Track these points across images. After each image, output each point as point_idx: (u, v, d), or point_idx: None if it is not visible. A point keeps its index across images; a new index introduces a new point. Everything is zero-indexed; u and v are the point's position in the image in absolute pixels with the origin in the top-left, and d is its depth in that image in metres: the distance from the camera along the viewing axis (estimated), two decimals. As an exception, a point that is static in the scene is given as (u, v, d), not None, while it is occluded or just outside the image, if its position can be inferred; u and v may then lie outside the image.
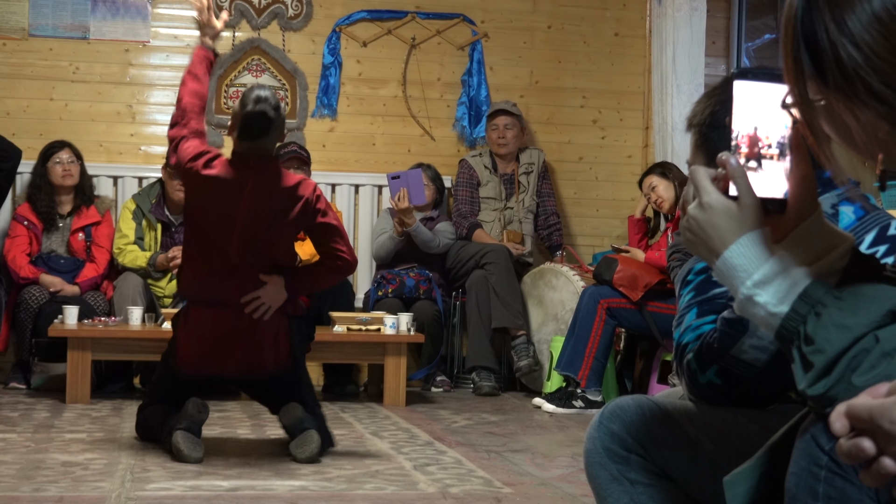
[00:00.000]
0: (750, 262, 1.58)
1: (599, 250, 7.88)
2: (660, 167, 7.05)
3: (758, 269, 1.57)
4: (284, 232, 4.92)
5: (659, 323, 6.45)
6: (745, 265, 1.58)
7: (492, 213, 7.75)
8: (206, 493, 3.91)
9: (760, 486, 1.65)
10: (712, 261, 1.64)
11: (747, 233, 1.60)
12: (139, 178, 7.69)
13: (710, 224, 1.63)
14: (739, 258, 1.59)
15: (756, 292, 1.57)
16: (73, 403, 6.17)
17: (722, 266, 1.62)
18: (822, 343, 1.48)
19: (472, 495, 3.99)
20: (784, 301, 1.54)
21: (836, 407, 1.34)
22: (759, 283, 1.57)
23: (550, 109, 8.26)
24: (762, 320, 1.58)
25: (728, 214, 1.61)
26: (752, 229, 1.60)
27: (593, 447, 2.08)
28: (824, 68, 1.42)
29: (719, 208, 1.62)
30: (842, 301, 1.50)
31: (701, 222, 1.64)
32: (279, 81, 7.92)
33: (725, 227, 1.61)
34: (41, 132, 7.51)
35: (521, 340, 7.16)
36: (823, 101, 1.45)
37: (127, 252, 7.08)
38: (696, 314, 2.02)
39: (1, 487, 3.91)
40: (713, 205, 1.63)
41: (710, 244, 1.63)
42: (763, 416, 1.96)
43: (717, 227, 1.62)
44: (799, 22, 1.44)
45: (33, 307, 6.82)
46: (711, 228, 1.63)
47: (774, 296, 1.55)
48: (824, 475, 1.47)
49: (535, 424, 5.97)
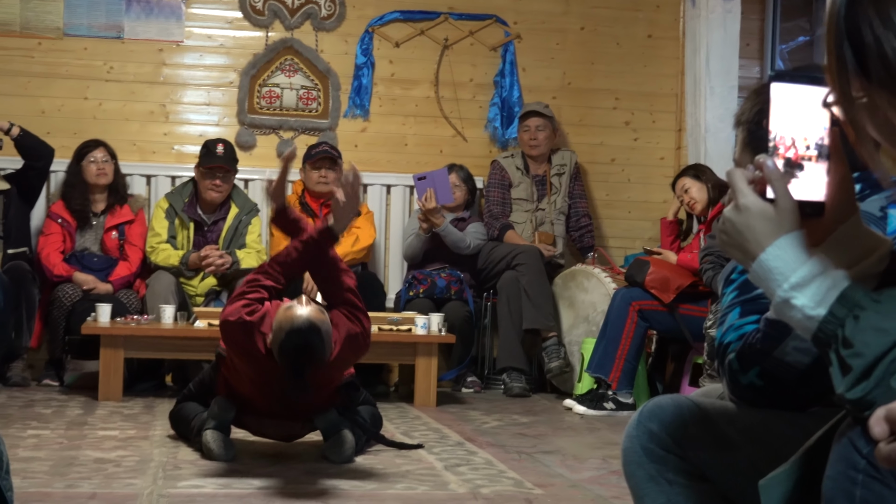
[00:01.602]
0: (786, 265, 1.57)
1: (631, 252, 7.85)
2: (693, 169, 7.02)
3: (795, 272, 1.56)
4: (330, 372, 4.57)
5: (690, 325, 6.42)
6: (782, 268, 1.57)
7: (523, 214, 7.74)
8: (237, 492, 3.92)
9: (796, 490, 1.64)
10: (748, 263, 1.63)
11: (784, 235, 1.59)
12: (172, 178, 7.71)
13: (746, 226, 1.62)
14: (776, 261, 1.58)
15: (793, 295, 1.56)
16: (105, 401, 6.20)
17: (758, 269, 1.60)
18: (860, 346, 1.47)
19: (502, 496, 3.99)
20: (822, 304, 1.53)
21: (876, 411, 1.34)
22: (796, 286, 1.56)
23: (582, 111, 8.24)
24: (799, 323, 1.56)
25: (764, 217, 1.60)
26: (789, 232, 1.59)
27: (631, 446, 2.07)
28: (868, 64, 1.41)
29: (756, 210, 1.61)
30: (880, 304, 1.49)
31: (737, 224, 1.63)
32: (312, 81, 7.94)
33: (762, 229, 1.60)
34: (75, 131, 7.55)
35: (551, 342, 7.15)
36: (866, 99, 1.44)
37: (159, 251, 7.11)
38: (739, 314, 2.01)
39: (34, 483, 3.92)
40: (749, 207, 1.62)
41: (746, 247, 1.62)
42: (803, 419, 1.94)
43: (753, 230, 1.61)
44: (842, 18, 1.44)
45: (66, 305, 6.85)
46: (747, 231, 1.61)
47: (812, 299, 1.54)
48: (861, 479, 1.45)
49: (566, 426, 5.96)
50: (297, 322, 4.08)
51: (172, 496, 3.80)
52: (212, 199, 7.19)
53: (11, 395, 6.43)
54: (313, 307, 4.16)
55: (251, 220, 7.28)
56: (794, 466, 1.65)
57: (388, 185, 7.97)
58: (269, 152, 7.90)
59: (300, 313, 4.09)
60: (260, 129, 7.90)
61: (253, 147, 7.89)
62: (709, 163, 7.27)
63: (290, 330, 4.07)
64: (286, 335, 4.07)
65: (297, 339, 4.06)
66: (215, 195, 7.18)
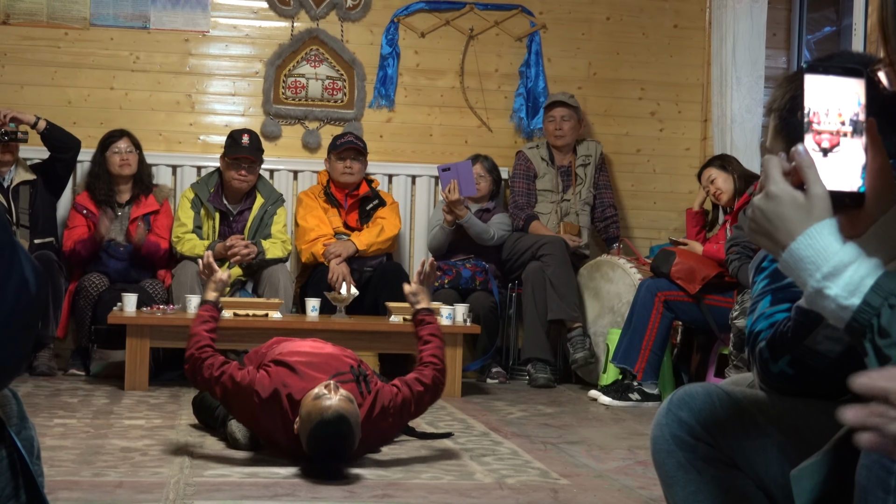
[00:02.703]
0: (818, 254, 1.55)
1: (656, 243, 7.83)
2: (719, 159, 6.99)
3: (827, 261, 1.54)
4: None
5: (716, 316, 6.40)
6: (814, 257, 1.55)
7: (549, 205, 7.72)
8: (263, 480, 3.92)
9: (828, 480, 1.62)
10: (778, 253, 1.60)
11: (815, 223, 1.57)
12: (198, 168, 7.72)
13: (776, 215, 1.60)
14: (807, 250, 1.56)
15: (826, 285, 1.53)
16: (131, 390, 6.22)
17: (789, 258, 1.58)
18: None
19: (528, 486, 3.98)
20: (856, 293, 1.51)
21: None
22: (828, 276, 1.53)
23: (608, 101, 8.21)
24: (833, 314, 1.54)
25: (795, 205, 1.58)
26: (821, 220, 1.57)
27: (661, 434, 2.06)
28: None
29: (786, 198, 1.59)
30: (917, 292, 1.47)
31: (767, 213, 1.61)
32: (337, 72, 7.93)
33: (793, 217, 1.58)
34: (101, 121, 7.57)
35: (576, 332, 7.13)
36: None
37: (185, 241, 7.12)
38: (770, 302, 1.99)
39: (61, 472, 3.94)
40: (780, 195, 1.60)
41: (776, 235, 1.60)
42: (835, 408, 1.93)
43: (784, 218, 1.59)
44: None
45: (93, 295, 6.87)
46: (778, 219, 1.59)
47: (845, 288, 1.52)
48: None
49: (591, 417, 5.94)
50: (327, 414, 3.92)
51: (199, 484, 3.81)
52: (237, 189, 7.20)
53: (38, 384, 6.45)
54: (342, 396, 4.00)
55: (276, 211, 7.29)
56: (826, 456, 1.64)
57: (413, 175, 7.97)
58: (294, 142, 7.91)
59: (328, 404, 3.94)
60: (285, 119, 7.91)
61: (278, 137, 7.89)
62: (735, 153, 7.23)
63: (319, 422, 3.93)
64: (314, 427, 3.94)
65: (325, 431, 3.93)
66: (241, 185, 7.19)
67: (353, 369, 4.30)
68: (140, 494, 3.62)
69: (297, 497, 3.69)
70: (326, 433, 3.92)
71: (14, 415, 1.73)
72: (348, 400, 3.99)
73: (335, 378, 4.17)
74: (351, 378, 4.24)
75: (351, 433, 3.96)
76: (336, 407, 3.92)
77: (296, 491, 3.78)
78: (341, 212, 7.38)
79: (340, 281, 6.99)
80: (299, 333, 5.79)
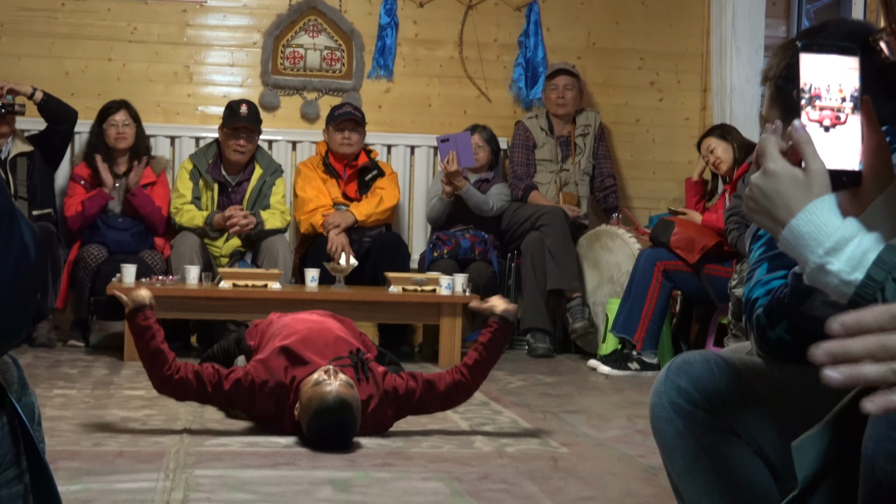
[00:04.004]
0: (819, 230, 1.54)
1: (655, 213, 7.83)
2: (718, 129, 6.98)
3: (829, 237, 1.52)
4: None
5: (715, 286, 6.41)
6: (815, 233, 1.54)
7: (548, 175, 7.72)
8: (263, 450, 3.93)
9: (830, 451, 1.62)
10: (777, 231, 1.59)
11: (815, 199, 1.56)
12: (196, 139, 7.72)
13: (775, 192, 1.59)
14: (808, 226, 1.55)
15: (828, 261, 1.52)
16: (130, 361, 6.21)
17: (789, 235, 1.57)
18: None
19: (528, 455, 3.99)
20: (858, 268, 1.50)
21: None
22: (830, 251, 1.52)
23: (607, 71, 8.20)
24: (835, 289, 1.53)
25: (794, 182, 1.57)
26: (820, 196, 1.56)
27: (659, 402, 2.06)
28: None
29: (784, 175, 1.58)
30: (920, 265, 1.46)
31: (765, 190, 1.60)
32: (335, 42, 7.91)
33: (791, 194, 1.57)
34: (99, 92, 7.55)
35: (576, 302, 7.14)
36: None
37: (184, 212, 7.12)
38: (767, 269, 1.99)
39: (62, 442, 3.95)
40: (778, 172, 1.59)
41: (775, 213, 1.59)
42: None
43: (783, 195, 1.58)
44: None
45: (92, 266, 6.87)
46: (777, 196, 1.58)
47: (847, 263, 1.51)
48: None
49: (591, 386, 5.96)
50: (327, 400, 3.91)
51: (199, 454, 3.82)
52: (236, 160, 7.19)
53: (38, 355, 6.46)
54: (342, 381, 3.99)
55: (275, 181, 7.28)
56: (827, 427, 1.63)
57: (412, 146, 7.96)
58: (293, 113, 7.90)
59: (328, 390, 3.93)
60: (284, 89, 7.89)
61: (277, 108, 7.88)
62: (734, 123, 7.22)
63: (319, 408, 3.92)
64: (314, 413, 3.93)
65: (326, 419, 3.93)
66: (239, 156, 7.18)
67: (352, 355, 4.28)
68: (140, 464, 3.63)
69: (298, 466, 3.70)
70: (327, 419, 3.92)
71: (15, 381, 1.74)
72: (348, 385, 3.98)
73: (334, 362, 4.17)
74: (349, 363, 4.23)
75: (352, 419, 3.96)
76: (336, 392, 3.92)
77: (296, 460, 3.79)
78: (340, 182, 7.37)
79: (339, 251, 6.99)
80: (299, 304, 5.81)
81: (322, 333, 4.40)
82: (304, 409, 4.00)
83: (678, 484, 2.13)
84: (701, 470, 2.07)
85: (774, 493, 2.03)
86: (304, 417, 4.00)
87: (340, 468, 3.68)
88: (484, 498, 3.30)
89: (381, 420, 4.27)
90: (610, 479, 3.67)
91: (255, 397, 4.20)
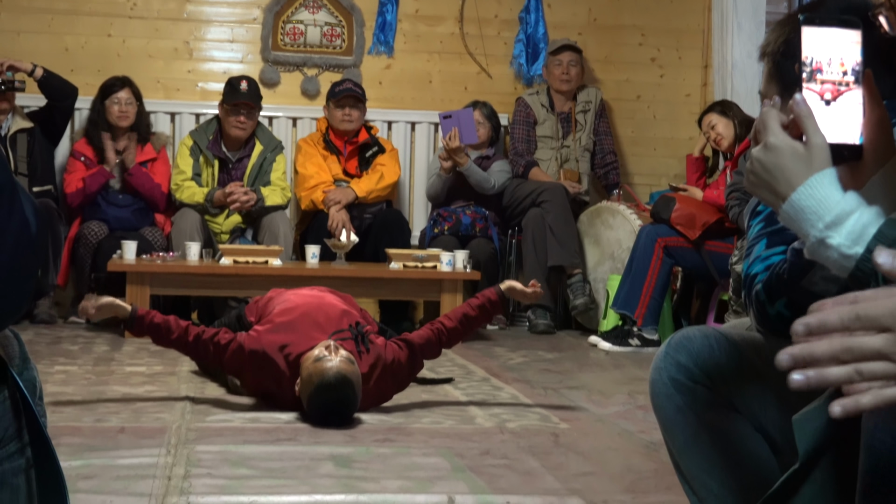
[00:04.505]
0: (820, 204, 1.53)
1: (656, 189, 7.82)
2: (719, 105, 6.96)
3: (829, 211, 1.52)
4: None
5: (716, 262, 6.41)
6: (815, 207, 1.54)
7: (548, 151, 7.71)
8: (265, 426, 3.94)
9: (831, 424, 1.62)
10: (778, 205, 1.59)
11: (816, 173, 1.56)
12: (196, 115, 7.71)
13: (775, 166, 1.58)
14: (808, 200, 1.54)
15: (828, 235, 1.52)
16: (131, 337, 6.22)
17: (789, 209, 1.57)
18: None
19: (529, 431, 4.00)
20: (858, 242, 1.50)
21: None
22: (831, 225, 1.52)
23: (609, 47, 8.18)
24: (835, 263, 1.53)
25: (795, 155, 1.57)
26: (821, 170, 1.56)
27: (659, 378, 2.06)
28: None
29: (785, 149, 1.58)
30: (920, 239, 1.46)
31: (766, 164, 1.60)
32: (336, 18, 7.89)
33: (792, 168, 1.57)
34: (99, 69, 7.53)
35: (576, 279, 7.14)
36: None
37: (184, 188, 7.11)
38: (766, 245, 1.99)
39: (63, 418, 3.95)
40: (779, 146, 1.59)
41: (776, 187, 1.59)
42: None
43: (784, 169, 1.57)
44: None
45: (92, 242, 6.87)
46: (777, 170, 1.58)
47: (848, 237, 1.51)
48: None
49: (591, 362, 5.97)
50: (328, 376, 3.91)
51: (200, 430, 3.82)
52: (236, 136, 7.18)
53: (38, 332, 6.47)
54: (342, 357, 3.99)
55: (276, 158, 7.28)
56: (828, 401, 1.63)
57: (413, 122, 7.95)
58: (293, 89, 7.88)
59: (329, 366, 3.93)
60: (284, 66, 7.87)
61: (277, 84, 7.86)
62: (735, 99, 7.21)
63: (320, 384, 3.92)
64: (315, 389, 3.93)
65: (327, 395, 3.93)
66: (239, 132, 7.17)
67: (352, 328, 4.28)
68: (142, 440, 3.64)
69: (299, 442, 3.71)
70: (328, 396, 3.93)
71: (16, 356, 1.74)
72: (349, 361, 3.98)
73: (335, 336, 4.17)
74: (349, 336, 4.23)
75: (353, 395, 3.96)
76: (337, 369, 3.92)
77: (297, 436, 3.80)
78: (340, 159, 7.37)
79: (340, 228, 6.99)
80: (299, 280, 5.81)
81: (321, 308, 4.40)
82: (304, 385, 4.01)
83: (678, 459, 2.14)
84: (701, 445, 2.07)
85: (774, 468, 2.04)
86: (305, 393, 4.00)
87: (341, 444, 3.69)
88: (485, 473, 3.31)
89: (383, 391, 4.29)
90: (610, 454, 3.68)
91: (249, 368, 4.21)
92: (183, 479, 3.13)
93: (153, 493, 2.98)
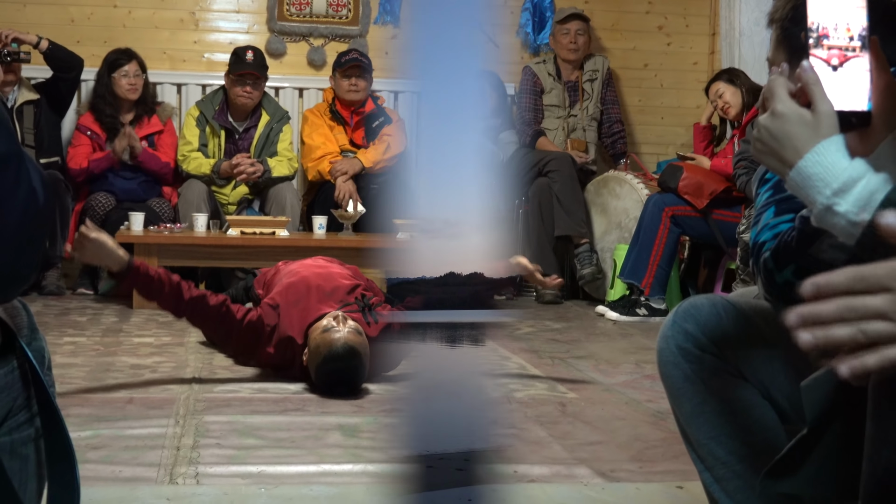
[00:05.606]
0: (827, 171, 1.53)
1: (664, 158, 7.81)
2: (727, 73, 6.94)
3: (836, 178, 1.52)
4: None
5: (724, 231, 6.40)
6: (822, 174, 1.53)
7: (555, 120, 7.69)
8: (273, 396, 3.95)
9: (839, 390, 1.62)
10: (785, 172, 1.59)
11: (823, 140, 1.55)
12: (202, 86, 7.69)
13: (782, 133, 1.58)
14: (815, 167, 1.54)
15: (836, 202, 1.52)
16: (139, 308, 6.24)
17: (796, 177, 1.57)
18: None
19: (536, 400, 4.01)
20: (866, 209, 1.49)
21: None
22: (838, 192, 1.52)
23: (615, 15, 8.15)
24: (843, 230, 1.53)
25: (802, 122, 1.57)
26: (828, 136, 1.55)
27: (667, 346, 2.06)
28: None
29: (793, 116, 1.57)
30: (928, 206, 1.46)
31: (773, 131, 1.59)
32: (341, -12, 7.87)
33: (799, 135, 1.56)
34: (105, 40, 7.52)
35: (584, 248, 7.14)
36: None
37: (191, 159, 7.11)
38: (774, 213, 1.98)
39: (72, 389, 3.97)
40: (786, 113, 1.58)
41: (783, 154, 1.58)
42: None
43: (791, 136, 1.57)
44: None
45: (100, 214, 6.87)
46: (784, 137, 1.58)
47: (855, 204, 1.50)
48: None
49: (599, 332, 5.97)
50: (336, 347, 3.93)
51: (209, 400, 3.83)
52: (242, 105, 7.17)
53: (47, 303, 6.49)
54: (350, 328, 4.00)
55: (282, 128, 7.27)
56: (836, 368, 1.63)
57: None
58: (299, 60, 7.87)
59: (337, 337, 3.94)
60: (290, 36, 7.86)
61: (283, 54, 7.85)
62: (743, 67, 7.19)
63: (328, 355, 3.94)
64: (323, 359, 3.95)
65: (334, 365, 3.94)
66: (246, 101, 7.15)
67: (358, 301, 4.29)
68: (151, 410, 3.65)
69: (307, 412, 3.71)
70: (336, 367, 3.94)
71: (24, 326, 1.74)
72: (357, 332, 3.99)
73: (343, 309, 4.18)
74: (356, 309, 4.24)
75: (361, 365, 3.97)
76: (345, 340, 3.93)
77: (305, 406, 3.80)
78: (347, 129, 7.36)
79: (347, 198, 6.99)
80: (306, 251, 5.80)
81: (328, 279, 4.41)
82: (312, 356, 4.01)
83: (686, 428, 2.14)
84: (709, 413, 2.07)
85: (782, 436, 2.04)
86: (313, 364, 4.01)
87: (349, 414, 3.69)
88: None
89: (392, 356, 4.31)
90: (618, 423, 3.68)
91: (259, 338, 4.21)
92: (191, 450, 3.14)
93: (162, 462, 2.99)
